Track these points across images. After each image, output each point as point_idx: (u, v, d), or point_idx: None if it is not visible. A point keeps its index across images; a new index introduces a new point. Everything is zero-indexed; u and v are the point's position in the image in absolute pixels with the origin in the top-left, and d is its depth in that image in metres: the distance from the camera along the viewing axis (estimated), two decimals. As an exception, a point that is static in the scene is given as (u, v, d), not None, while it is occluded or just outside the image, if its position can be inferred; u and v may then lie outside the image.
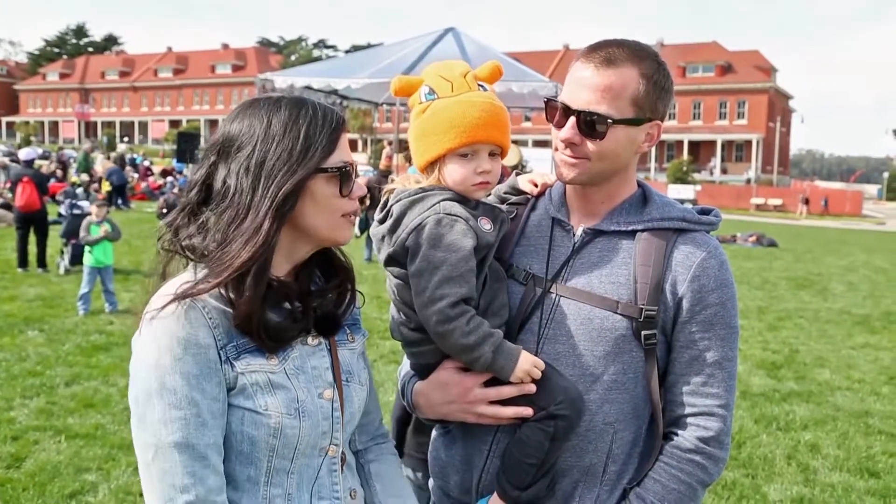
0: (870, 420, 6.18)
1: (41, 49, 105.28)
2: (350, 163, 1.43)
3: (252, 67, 79.57)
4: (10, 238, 12.69)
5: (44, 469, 4.56)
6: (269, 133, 1.38)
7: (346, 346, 1.53)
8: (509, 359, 1.51)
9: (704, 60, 68.74)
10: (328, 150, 1.40)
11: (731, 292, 1.62)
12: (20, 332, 7.74)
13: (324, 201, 1.41)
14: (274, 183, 1.35)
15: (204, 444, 1.31)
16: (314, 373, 1.44)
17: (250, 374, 1.36)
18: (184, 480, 1.30)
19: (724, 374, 1.60)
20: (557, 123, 1.60)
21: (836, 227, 37.85)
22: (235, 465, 1.38)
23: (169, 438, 1.30)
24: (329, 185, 1.41)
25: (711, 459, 1.59)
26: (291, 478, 1.41)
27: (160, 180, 27.91)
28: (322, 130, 1.40)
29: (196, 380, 1.31)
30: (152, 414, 1.31)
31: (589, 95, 1.55)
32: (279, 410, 1.36)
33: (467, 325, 1.50)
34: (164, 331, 1.31)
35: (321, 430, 1.42)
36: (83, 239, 8.82)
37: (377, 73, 11.50)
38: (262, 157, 1.37)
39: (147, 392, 1.31)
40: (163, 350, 1.31)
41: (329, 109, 1.44)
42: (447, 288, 1.49)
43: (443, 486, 1.77)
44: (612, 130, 1.55)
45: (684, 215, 1.64)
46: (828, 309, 11.43)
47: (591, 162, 1.58)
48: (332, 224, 1.43)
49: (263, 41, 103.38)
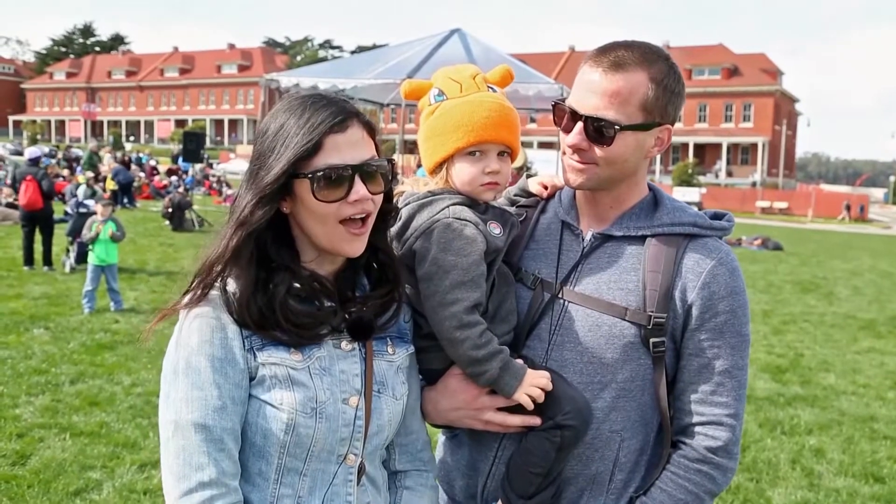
0: (875, 425, 6.16)
1: (48, 48, 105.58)
2: (338, 166, 1.35)
3: (258, 67, 79.63)
4: (16, 236, 12.73)
5: (49, 466, 4.57)
6: (267, 133, 1.40)
7: (384, 358, 1.49)
8: (514, 377, 1.50)
9: (711, 63, 68.58)
10: (309, 152, 1.35)
11: (742, 300, 1.59)
12: (26, 330, 7.76)
13: (312, 206, 1.37)
14: (260, 181, 1.38)
15: (221, 427, 1.33)
16: (342, 377, 1.41)
17: (271, 366, 1.36)
18: (199, 459, 1.31)
19: (733, 382, 1.57)
20: (565, 128, 1.59)
21: (842, 230, 37.72)
22: (248, 457, 1.38)
23: (188, 417, 1.32)
24: (318, 190, 1.36)
25: (719, 469, 1.57)
26: (304, 480, 1.40)
27: (166, 179, 27.96)
28: (304, 130, 1.35)
29: (220, 363, 1.34)
30: (176, 392, 1.34)
31: (596, 100, 1.53)
32: (294, 407, 1.35)
33: (480, 338, 1.49)
34: (194, 314, 1.36)
35: (340, 436, 1.40)
36: (83, 237, 8.85)
37: (383, 73, 11.51)
38: (255, 155, 1.41)
39: (175, 370, 1.35)
40: (192, 331, 1.35)
41: (331, 108, 1.38)
42: (459, 292, 1.48)
43: (448, 491, 1.76)
44: (619, 136, 1.53)
45: (695, 220, 1.62)
46: (833, 313, 11.39)
47: (598, 167, 1.57)
48: (328, 232, 1.39)
49: (269, 41, 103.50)
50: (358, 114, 1.42)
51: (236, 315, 1.36)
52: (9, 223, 16.29)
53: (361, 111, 1.43)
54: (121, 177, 22.17)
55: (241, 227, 1.36)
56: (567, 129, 1.58)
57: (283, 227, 1.43)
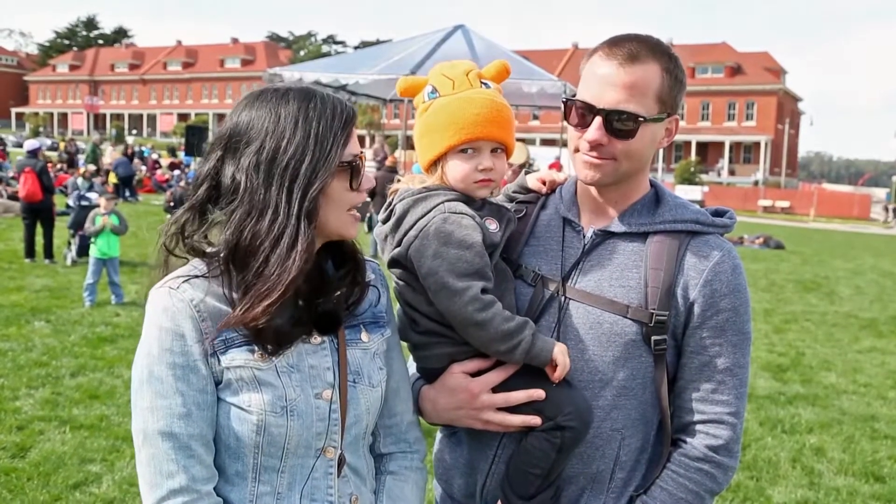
0: (876, 424, 6.15)
1: (51, 41, 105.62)
2: (359, 155, 1.41)
3: (261, 62, 79.60)
4: (18, 228, 12.74)
5: (48, 459, 4.57)
6: (278, 127, 1.34)
7: (357, 346, 1.48)
8: (546, 342, 1.49)
9: (714, 61, 68.43)
10: (344, 146, 1.37)
11: (745, 298, 1.58)
12: (27, 323, 7.76)
13: (334, 195, 1.38)
14: (297, 184, 1.32)
15: (188, 434, 1.32)
16: (312, 372, 1.40)
17: (235, 370, 1.35)
18: (169, 467, 1.32)
19: (735, 381, 1.56)
20: (580, 124, 1.55)
21: (844, 230, 37.67)
22: (225, 459, 1.38)
23: (154, 426, 1.32)
24: (340, 179, 1.38)
25: (720, 468, 1.56)
26: (282, 476, 1.39)
27: (168, 173, 27.97)
28: (335, 125, 1.36)
29: (182, 370, 1.33)
30: (141, 401, 1.34)
31: (616, 94, 1.50)
32: (262, 408, 1.34)
33: (504, 311, 1.47)
34: (155, 322, 1.35)
35: (315, 431, 1.39)
36: (86, 230, 8.86)
37: (386, 69, 11.51)
38: (273, 153, 1.33)
39: (140, 380, 1.35)
40: (152, 340, 1.34)
41: (338, 101, 1.40)
42: (469, 279, 1.47)
43: (446, 489, 1.75)
44: (641, 129, 1.51)
45: (697, 217, 1.60)
46: (834, 312, 11.37)
47: (617, 162, 1.54)
48: (340, 218, 1.41)
49: (273, 36, 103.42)
50: None
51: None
52: (10, 215, 16.31)
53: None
54: (121, 170, 22.16)
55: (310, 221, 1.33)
56: (582, 126, 1.55)
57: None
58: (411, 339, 1.61)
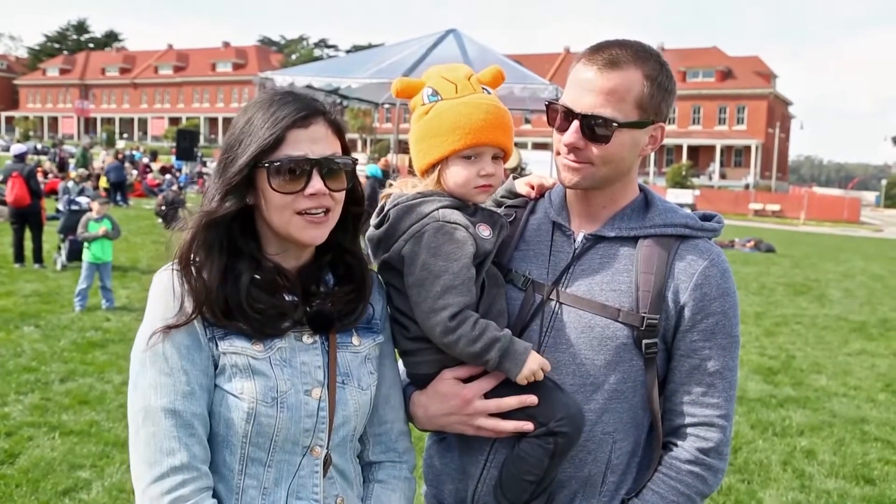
0: (866, 427, 6.18)
1: (41, 44, 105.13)
2: (296, 158, 1.38)
3: (253, 66, 79.46)
4: (6, 233, 12.66)
5: (37, 465, 4.54)
6: (235, 127, 1.43)
7: (348, 349, 1.50)
8: (516, 363, 1.49)
9: (705, 65, 68.80)
10: (271, 145, 1.38)
11: (733, 301, 1.59)
12: (16, 328, 7.71)
13: (269, 196, 1.40)
14: (227, 172, 1.40)
15: (190, 412, 1.35)
16: (303, 369, 1.43)
17: (232, 356, 1.38)
18: (170, 444, 1.33)
19: (724, 384, 1.57)
20: (560, 127, 1.57)
21: (834, 233, 37.88)
22: (213, 447, 1.40)
23: (157, 402, 1.34)
24: (274, 180, 1.39)
25: (711, 470, 1.57)
26: (269, 471, 1.41)
27: (159, 177, 27.87)
28: (267, 124, 1.39)
29: (187, 350, 1.36)
30: (144, 379, 1.36)
31: (593, 98, 1.52)
32: (254, 396, 1.37)
33: (472, 332, 1.48)
34: (159, 303, 1.39)
35: (303, 427, 1.41)
36: (80, 235, 8.81)
37: (378, 73, 11.50)
38: (224, 148, 1.43)
39: (142, 359, 1.37)
40: (157, 320, 1.37)
41: (296, 104, 1.41)
42: (449, 297, 1.47)
43: (437, 495, 1.74)
44: (616, 134, 1.52)
45: (687, 222, 1.61)
46: (825, 315, 11.43)
47: (594, 167, 1.56)
48: (284, 221, 1.41)
49: (264, 40, 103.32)
50: (325, 112, 1.44)
51: (203, 304, 1.37)
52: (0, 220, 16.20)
53: (330, 110, 1.45)
54: (113, 175, 22.09)
55: (209, 217, 1.39)
56: (562, 129, 1.57)
57: (248, 218, 1.46)
58: (402, 345, 1.61)
